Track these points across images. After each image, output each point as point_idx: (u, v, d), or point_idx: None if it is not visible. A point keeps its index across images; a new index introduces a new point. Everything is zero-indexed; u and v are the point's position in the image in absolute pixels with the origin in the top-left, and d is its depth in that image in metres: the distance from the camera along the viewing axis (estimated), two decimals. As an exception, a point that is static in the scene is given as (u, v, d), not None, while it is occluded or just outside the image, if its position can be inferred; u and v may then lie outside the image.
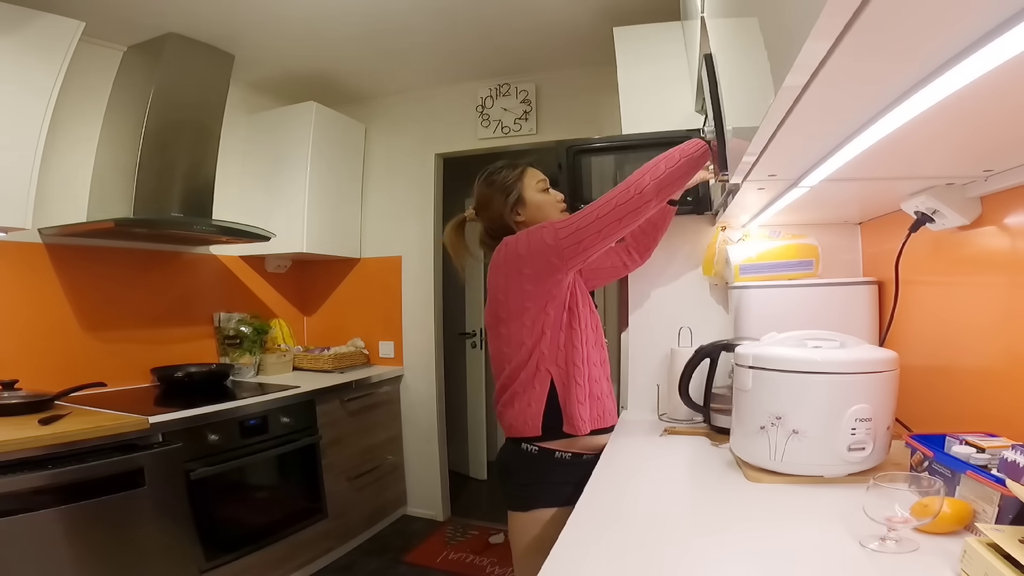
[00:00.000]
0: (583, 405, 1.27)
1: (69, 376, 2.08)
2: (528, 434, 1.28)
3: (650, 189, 1.15)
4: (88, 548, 1.59)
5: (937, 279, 1.15)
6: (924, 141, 0.74)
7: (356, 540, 2.74)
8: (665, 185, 1.16)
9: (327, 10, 2.25)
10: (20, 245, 2.07)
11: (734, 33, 0.87)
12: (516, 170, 1.41)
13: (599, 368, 1.34)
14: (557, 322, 1.26)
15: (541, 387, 1.27)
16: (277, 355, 2.89)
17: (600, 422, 1.32)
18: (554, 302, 1.26)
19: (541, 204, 1.39)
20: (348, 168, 3.17)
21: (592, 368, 1.31)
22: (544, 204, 1.39)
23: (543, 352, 1.27)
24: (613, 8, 2.23)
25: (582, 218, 1.20)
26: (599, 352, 1.35)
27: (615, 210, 1.17)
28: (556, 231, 1.22)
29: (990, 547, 0.61)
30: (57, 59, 1.89)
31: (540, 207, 1.39)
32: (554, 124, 2.91)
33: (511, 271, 1.27)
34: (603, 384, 1.35)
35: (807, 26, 0.44)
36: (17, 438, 1.48)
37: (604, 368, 1.37)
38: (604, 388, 1.35)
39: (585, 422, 1.27)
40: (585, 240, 1.19)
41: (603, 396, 1.33)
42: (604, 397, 1.34)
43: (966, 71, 0.49)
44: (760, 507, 0.91)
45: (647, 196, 1.15)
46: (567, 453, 1.28)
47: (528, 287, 1.26)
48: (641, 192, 1.15)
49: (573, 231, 1.20)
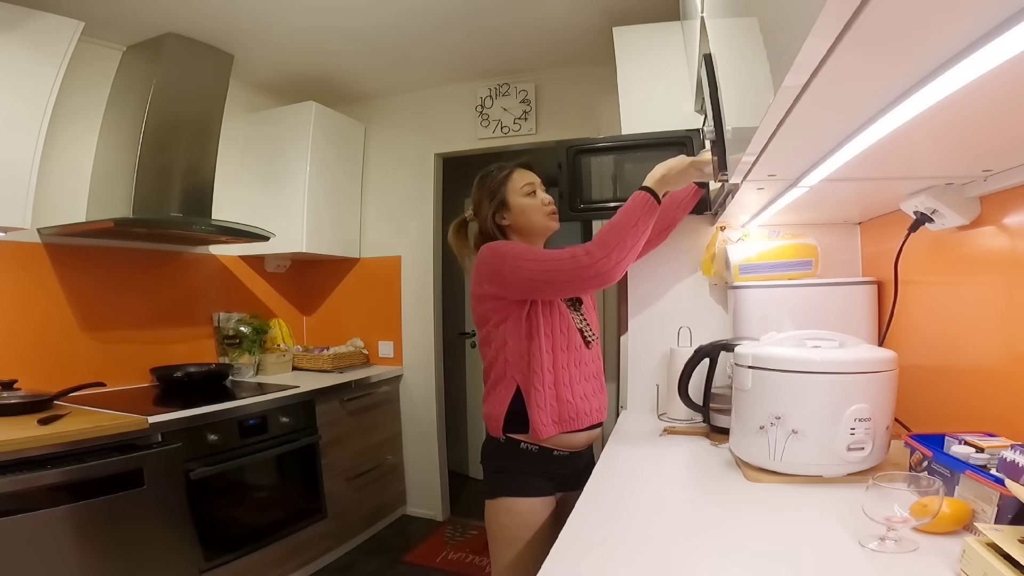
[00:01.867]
0: (543, 411, 1.29)
1: (68, 376, 2.08)
2: (493, 433, 1.36)
3: (605, 260, 1.16)
4: (87, 548, 1.59)
5: (936, 279, 1.15)
6: (923, 141, 0.74)
7: (356, 540, 2.74)
8: (626, 250, 1.18)
9: (327, 10, 2.25)
10: (19, 245, 2.07)
11: (734, 33, 0.87)
12: (503, 172, 1.40)
13: (574, 370, 1.34)
14: (516, 333, 1.30)
15: (506, 391, 1.32)
16: (276, 355, 2.89)
17: (572, 423, 1.32)
18: (512, 316, 1.30)
19: (525, 209, 1.38)
20: (348, 168, 3.17)
21: (560, 372, 1.31)
22: (528, 209, 1.38)
23: (507, 359, 1.32)
24: (613, 8, 2.23)
25: (540, 270, 1.22)
26: (573, 355, 1.34)
27: (569, 280, 1.20)
28: (515, 267, 1.24)
29: (989, 547, 0.61)
30: (56, 59, 1.89)
31: (524, 211, 1.38)
32: (553, 124, 2.91)
33: (476, 282, 1.32)
34: (578, 386, 1.34)
35: (807, 25, 0.44)
36: (16, 438, 1.48)
37: (584, 368, 1.36)
38: (580, 390, 1.34)
39: (546, 426, 1.29)
40: (535, 291, 1.25)
41: (576, 398, 1.33)
42: (579, 399, 1.33)
43: (966, 71, 0.49)
44: (759, 507, 0.91)
45: (601, 265, 1.16)
46: (533, 446, 1.32)
47: (488, 302, 1.32)
48: (594, 263, 1.17)
49: (526, 278, 1.23)
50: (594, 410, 1.37)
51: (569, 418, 1.32)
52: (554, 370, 1.31)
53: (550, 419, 1.30)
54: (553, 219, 1.41)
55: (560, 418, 1.31)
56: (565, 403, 1.32)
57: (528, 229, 1.40)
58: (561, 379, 1.32)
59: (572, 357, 1.34)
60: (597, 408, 1.38)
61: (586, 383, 1.37)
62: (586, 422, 1.35)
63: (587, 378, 1.38)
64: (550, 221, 1.41)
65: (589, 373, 1.39)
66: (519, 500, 1.31)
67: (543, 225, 1.40)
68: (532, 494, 1.31)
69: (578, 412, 1.33)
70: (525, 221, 1.38)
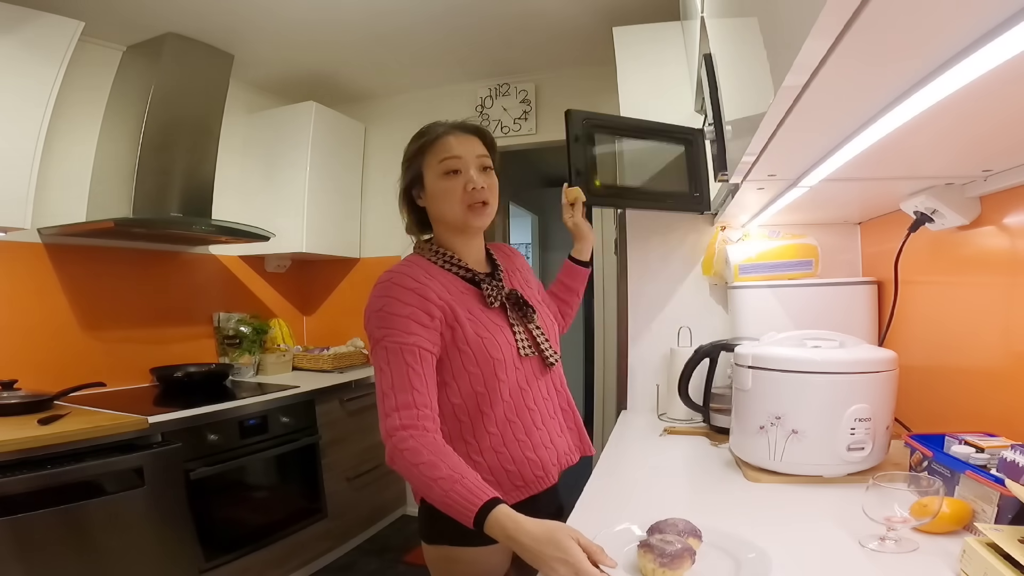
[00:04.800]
0: (495, 477, 0.99)
1: (68, 376, 2.08)
2: None
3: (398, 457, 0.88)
4: (87, 548, 1.58)
5: (936, 279, 1.15)
6: (923, 141, 0.74)
7: (356, 540, 2.74)
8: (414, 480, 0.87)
9: (327, 10, 2.25)
10: (19, 245, 2.07)
11: (734, 33, 0.87)
12: (422, 139, 1.06)
13: (529, 414, 1.02)
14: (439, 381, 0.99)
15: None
16: (276, 355, 2.89)
17: (531, 488, 1.00)
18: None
19: (437, 193, 1.02)
20: (348, 168, 3.17)
21: (507, 427, 1.00)
22: (443, 194, 1.01)
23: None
24: (613, 8, 2.23)
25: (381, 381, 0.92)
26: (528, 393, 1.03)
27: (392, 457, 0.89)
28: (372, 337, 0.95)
29: (989, 547, 0.61)
30: (56, 59, 1.89)
31: (437, 196, 1.02)
32: (553, 124, 2.91)
33: None
34: (538, 433, 1.02)
35: (807, 25, 0.44)
36: (16, 438, 1.48)
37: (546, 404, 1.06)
38: (540, 438, 1.02)
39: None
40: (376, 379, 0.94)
41: (536, 452, 1.01)
42: (539, 451, 1.01)
43: (966, 71, 0.49)
44: (759, 507, 0.92)
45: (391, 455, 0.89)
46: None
47: None
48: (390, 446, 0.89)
49: (375, 364, 0.94)
50: (562, 455, 1.06)
51: (534, 478, 1.00)
52: (498, 427, 0.99)
53: (507, 485, 0.99)
54: (475, 213, 1.02)
55: (521, 482, 1.00)
56: (523, 462, 1.00)
57: (442, 221, 1.05)
58: (509, 435, 1.00)
59: (527, 397, 1.02)
60: (566, 450, 1.07)
61: (553, 423, 1.06)
62: (551, 478, 1.03)
63: (552, 415, 1.07)
64: (470, 216, 1.01)
65: (554, 409, 1.07)
66: (463, 550, 0.98)
67: (457, 218, 1.02)
68: (480, 542, 0.86)
69: (544, 465, 1.01)
70: (438, 210, 1.04)
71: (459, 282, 1.03)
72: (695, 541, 0.72)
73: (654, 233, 1.75)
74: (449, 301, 0.98)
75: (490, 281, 1.05)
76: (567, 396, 1.12)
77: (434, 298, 0.96)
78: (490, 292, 1.03)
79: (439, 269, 1.04)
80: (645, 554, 0.67)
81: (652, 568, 0.65)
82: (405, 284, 0.96)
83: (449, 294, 0.99)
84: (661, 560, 0.65)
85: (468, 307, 1.00)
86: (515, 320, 1.04)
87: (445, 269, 1.04)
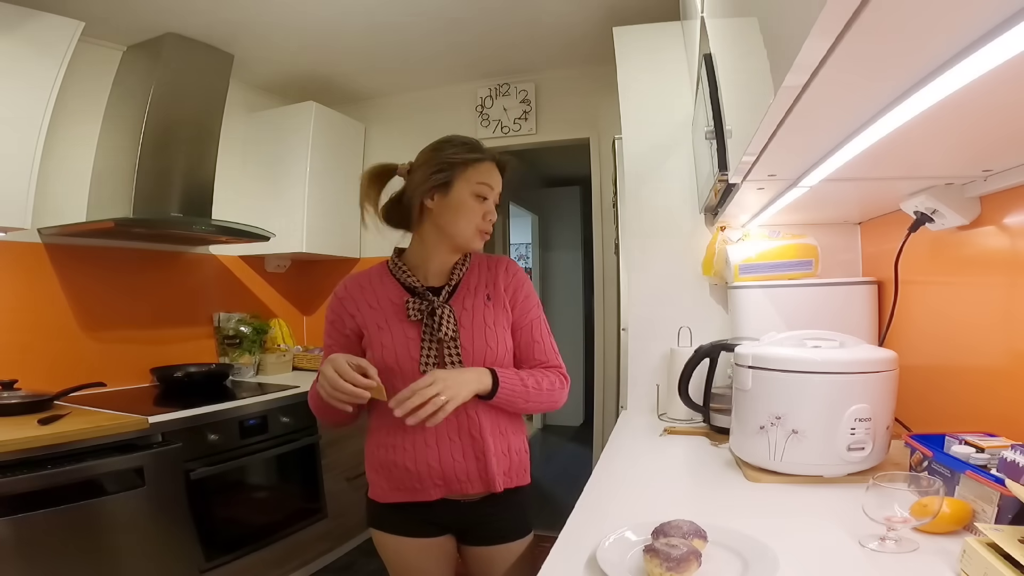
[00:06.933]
0: (377, 472, 1.12)
1: (68, 376, 2.08)
2: None
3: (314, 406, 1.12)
4: (88, 548, 1.58)
5: (936, 279, 1.15)
6: (924, 141, 0.74)
7: (356, 540, 2.74)
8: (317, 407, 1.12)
9: (327, 11, 2.25)
10: (20, 245, 2.07)
11: (734, 33, 0.87)
12: (470, 155, 1.11)
13: (415, 430, 1.02)
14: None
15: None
16: (277, 355, 2.89)
17: (417, 493, 1.07)
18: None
19: (460, 207, 1.09)
20: (348, 168, 3.16)
21: (386, 434, 1.09)
22: (464, 209, 1.09)
23: None
24: (613, 8, 2.23)
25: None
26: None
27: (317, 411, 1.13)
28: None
29: (989, 547, 0.61)
30: (56, 59, 1.89)
31: (458, 210, 1.09)
32: (553, 124, 2.91)
33: None
34: (425, 451, 1.06)
35: (807, 25, 0.45)
36: (16, 438, 1.48)
37: (442, 424, 1.01)
38: (428, 455, 1.06)
39: (384, 491, 1.10)
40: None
41: (418, 465, 1.06)
42: (420, 466, 1.06)
43: (966, 71, 0.49)
44: (760, 507, 0.91)
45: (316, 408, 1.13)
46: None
47: None
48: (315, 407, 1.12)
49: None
50: (450, 479, 1.05)
51: (411, 487, 1.07)
52: (387, 429, 1.07)
53: (386, 484, 1.09)
54: (480, 240, 1.13)
55: (399, 486, 1.07)
56: (402, 469, 1.06)
57: (446, 232, 1.11)
58: (397, 440, 1.06)
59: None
60: (458, 477, 1.06)
61: (447, 445, 1.06)
62: (428, 494, 1.06)
63: (451, 438, 1.06)
64: (476, 240, 1.12)
65: (455, 432, 1.06)
66: (386, 536, 1.10)
67: (465, 238, 1.11)
68: (404, 532, 1.05)
69: (422, 480, 1.06)
70: (451, 220, 1.10)
71: (401, 292, 1.12)
72: (700, 542, 0.72)
73: (654, 233, 1.75)
74: (365, 311, 1.11)
75: (425, 295, 1.11)
76: (479, 425, 1.07)
77: (350, 308, 1.12)
78: (412, 306, 1.09)
79: (390, 278, 1.15)
80: (651, 559, 0.67)
81: (659, 573, 0.66)
82: (337, 293, 1.15)
83: (374, 304, 1.12)
84: (668, 564, 0.65)
85: (388, 317, 1.10)
86: (427, 336, 1.07)
87: (395, 278, 1.15)
